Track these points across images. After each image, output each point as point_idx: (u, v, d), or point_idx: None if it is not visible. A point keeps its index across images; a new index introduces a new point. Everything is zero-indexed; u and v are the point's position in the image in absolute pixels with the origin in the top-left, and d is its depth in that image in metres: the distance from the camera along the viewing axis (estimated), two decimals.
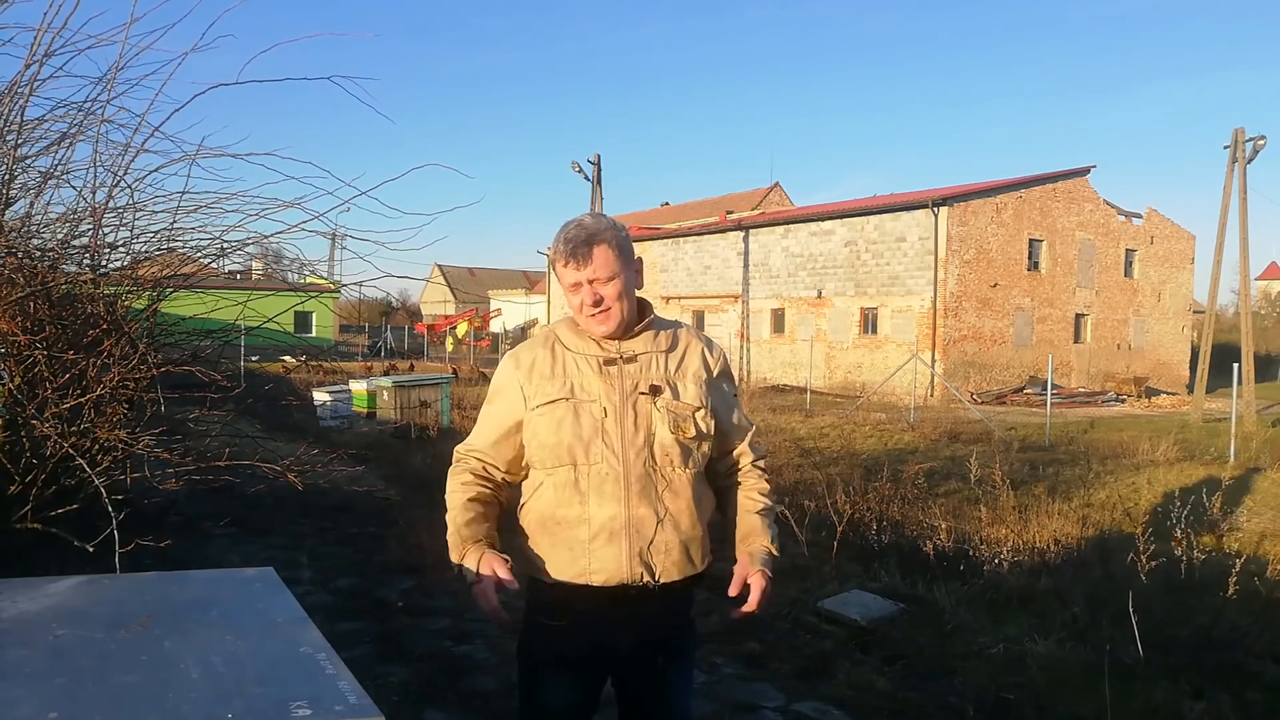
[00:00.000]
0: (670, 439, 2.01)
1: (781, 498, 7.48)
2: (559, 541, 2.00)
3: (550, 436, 2.00)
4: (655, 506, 1.99)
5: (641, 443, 1.99)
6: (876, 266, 29.03)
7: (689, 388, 2.07)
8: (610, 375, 2.03)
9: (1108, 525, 7.41)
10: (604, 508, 1.97)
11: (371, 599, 5.20)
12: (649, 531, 1.98)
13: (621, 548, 1.97)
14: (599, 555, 1.97)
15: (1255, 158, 21.02)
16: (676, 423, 2.02)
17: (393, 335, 46.28)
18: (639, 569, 1.98)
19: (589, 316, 2.02)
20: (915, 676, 4.18)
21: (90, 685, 1.40)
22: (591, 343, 2.07)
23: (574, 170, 29.55)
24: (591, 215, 2.07)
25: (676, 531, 2.01)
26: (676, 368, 2.09)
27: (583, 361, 2.05)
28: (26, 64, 3.72)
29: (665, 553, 2.00)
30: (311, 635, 1.66)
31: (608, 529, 1.97)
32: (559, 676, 2.08)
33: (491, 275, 73.07)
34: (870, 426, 16.31)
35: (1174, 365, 34.12)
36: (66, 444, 3.50)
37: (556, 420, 2.00)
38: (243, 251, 4.63)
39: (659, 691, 2.13)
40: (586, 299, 2.00)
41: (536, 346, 2.11)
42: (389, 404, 13.91)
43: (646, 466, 1.99)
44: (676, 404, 2.03)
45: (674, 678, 2.15)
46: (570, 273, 2.00)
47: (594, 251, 1.99)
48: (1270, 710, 3.76)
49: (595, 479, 1.98)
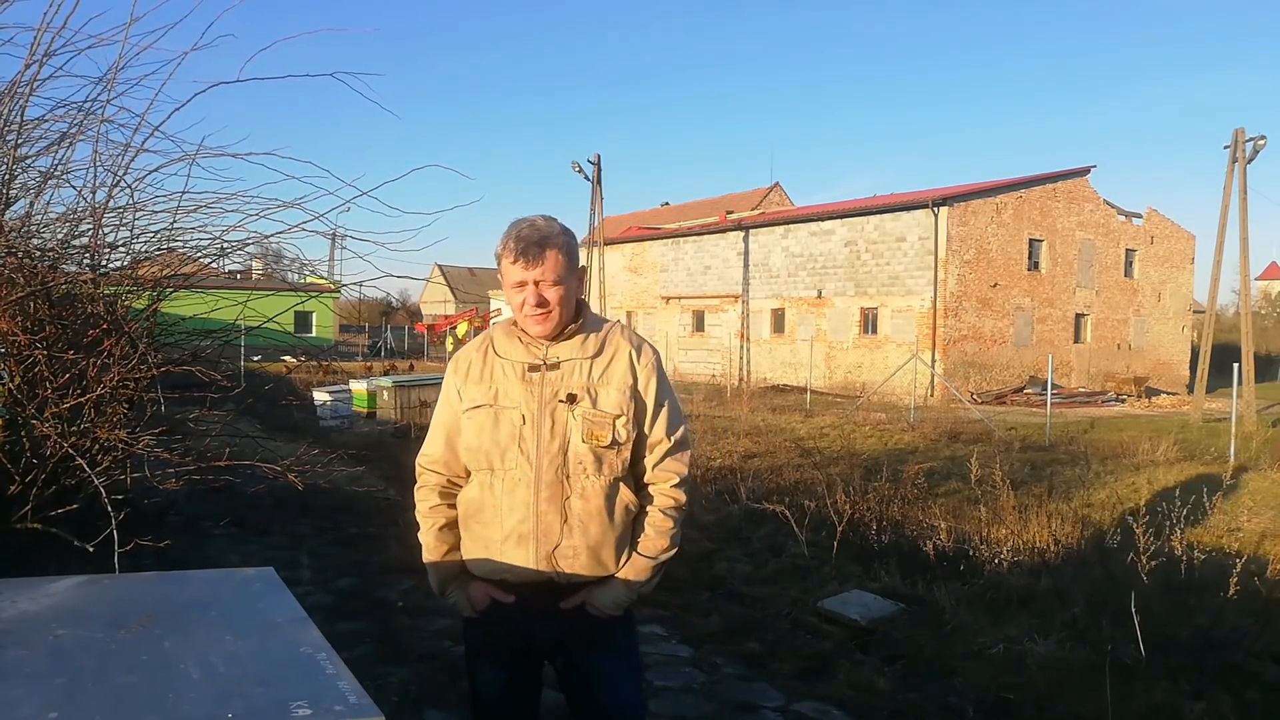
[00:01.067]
0: (584, 447, 2.05)
1: (782, 497, 7.49)
2: (476, 539, 2.12)
3: (473, 440, 2.09)
4: (563, 512, 2.05)
5: (556, 450, 2.05)
6: (876, 266, 29.03)
7: (610, 394, 2.08)
8: (531, 382, 2.08)
9: (1108, 525, 7.40)
10: (514, 512, 2.05)
11: (371, 599, 5.20)
12: (556, 537, 2.05)
13: (529, 550, 2.05)
14: (510, 555, 2.06)
15: (1255, 158, 21.02)
16: (591, 431, 2.05)
17: (393, 335, 46.28)
18: (547, 570, 2.06)
19: (529, 316, 2.06)
20: (915, 676, 4.18)
21: (90, 685, 1.40)
22: (519, 347, 2.11)
23: (574, 170, 29.58)
24: (544, 218, 2.10)
25: (585, 537, 2.06)
26: (601, 374, 2.10)
27: (508, 368, 2.10)
28: (26, 64, 3.72)
29: (573, 557, 2.06)
30: (311, 635, 1.65)
31: (517, 532, 2.06)
32: (490, 663, 2.19)
33: (491, 275, 72.90)
34: (870, 426, 16.30)
35: (1174, 365, 34.12)
36: (66, 444, 3.50)
37: (478, 425, 2.08)
38: (243, 251, 4.63)
39: (587, 681, 2.19)
40: (530, 298, 2.04)
41: (472, 351, 2.18)
42: (389, 404, 13.92)
43: (559, 473, 2.05)
44: (594, 412, 2.06)
45: (603, 668, 2.19)
46: (518, 270, 2.04)
47: (545, 254, 2.03)
48: (1270, 710, 3.76)
49: (509, 484, 2.06)
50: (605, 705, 2.18)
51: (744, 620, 4.94)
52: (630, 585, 2.13)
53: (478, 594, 2.13)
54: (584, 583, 2.10)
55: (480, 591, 2.12)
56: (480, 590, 2.12)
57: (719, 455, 10.70)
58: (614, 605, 2.13)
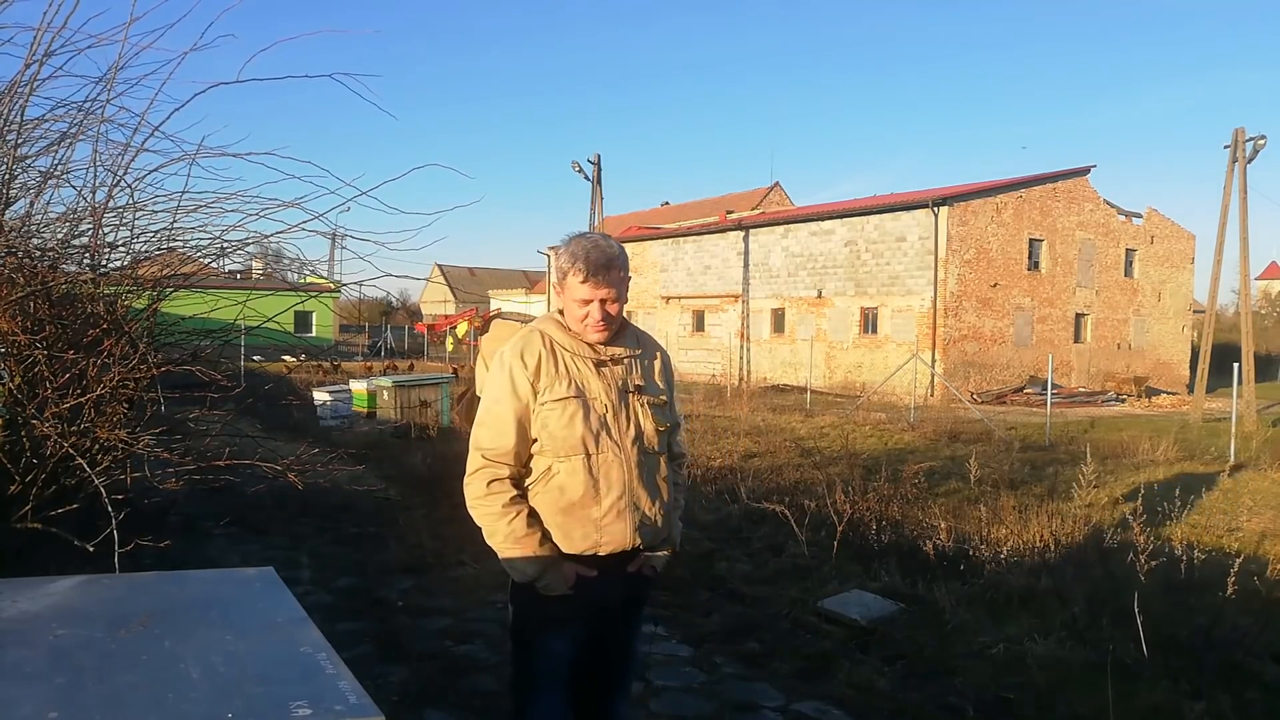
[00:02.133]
0: (653, 429, 2.39)
1: (782, 497, 7.49)
2: (574, 520, 2.31)
3: (562, 429, 2.28)
4: (649, 486, 2.37)
5: (634, 434, 2.35)
6: (876, 266, 29.02)
7: (658, 384, 2.47)
8: (605, 376, 2.35)
9: (1108, 525, 7.40)
10: (612, 490, 2.31)
11: (371, 599, 5.20)
12: (645, 507, 2.36)
13: (627, 522, 2.33)
14: (609, 530, 2.31)
15: (1255, 157, 21.01)
16: (658, 415, 2.40)
17: (393, 335, 46.27)
18: (638, 538, 2.36)
19: (592, 328, 2.33)
20: (915, 676, 4.18)
21: (90, 685, 1.40)
22: (582, 344, 2.37)
23: (574, 170, 29.56)
24: (602, 236, 2.39)
25: (663, 504, 2.42)
26: (647, 368, 2.46)
27: (580, 363, 2.35)
28: (26, 64, 3.72)
29: (655, 522, 2.40)
30: (311, 635, 1.66)
31: (616, 507, 2.31)
32: (561, 638, 2.39)
33: (491, 275, 73.05)
34: (870, 426, 16.30)
35: (1174, 365, 34.11)
36: (66, 444, 3.49)
37: (569, 415, 2.28)
38: (243, 251, 4.63)
39: (626, 631, 2.57)
40: (595, 314, 2.30)
41: (538, 346, 2.35)
42: (389, 404, 13.91)
43: (640, 453, 2.36)
44: (655, 400, 2.42)
45: (637, 621, 2.64)
46: (587, 289, 2.28)
47: (613, 275, 2.29)
48: (1270, 710, 3.76)
49: (604, 466, 2.30)
50: (636, 652, 2.66)
51: (744, 620, 4.94)
52: (674, 546, 2.52)
53: (570, 573, 2.31)
54: (651, 546, 2.41)
55: (571, 570, 2.31)
56: (571, 569, 2.31)
57: (719, 455, 10.69)
58: (663, 563, 2.50)
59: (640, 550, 2.38)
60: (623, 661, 2.58)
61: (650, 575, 2.47)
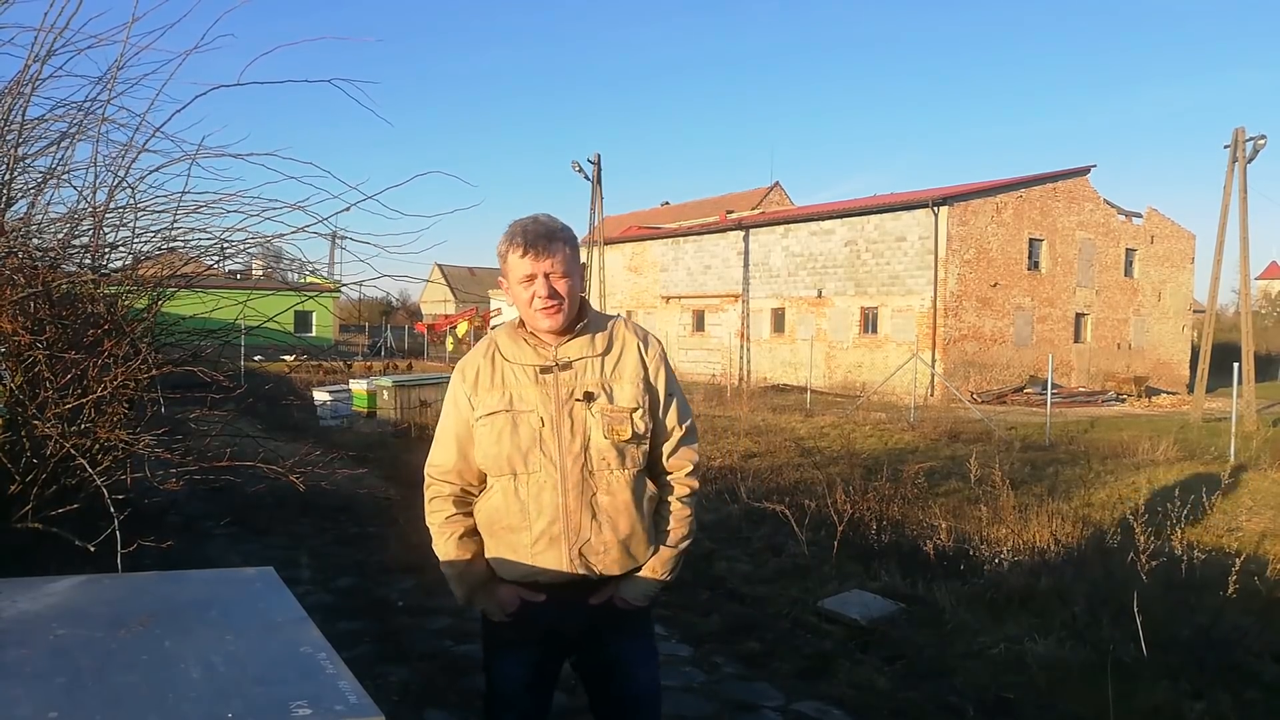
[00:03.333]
0: (606, 443, 2.07)
1: (782, 497, 7.49)
2: (504, 546, 2.11)
3: (491, 447, 2.08)
4: (592, 509, 2.07)
5: (579, 449, 2.06)
6: (876, 266, 29.02)
7: (625, 389, 2.12)
8: (546, 384, 2.09)
9: (1108, 525, 7.40)
10: (543, 515, 2.06)
11: (371, 599, 5.20)
12: (587, 534, 2.07)
13: (561, 551, 2.07)
14: (541, 558, 2.07)
15: (1255, 157, 20.99)
16: (611, 426, 2.08)
17: (393, 335, 46.27)
18: (580, 569, 2.08)
19: (540, 310, 2.07)
20: (915, 676, 4.18)
21: (90, 685, 1.40)
22: (528, 350, 2.12)
23: (574, 170, 29.57)
24: (546, 215, 2.13)
25: (614, 532, 2.09)
26: (613, 369, 2.13)
27: (520, 371, 2.11)
28: (27, 64, 3.73)
29: (604, 552, 2.09)
30: (311, 635, 1.66)
31: (547, 534, 2.07)
32: (514, 658, 2.20)
33: (491, 275, 72.57)
34: (870, 426, 16.30)
35: (1174, 365, 34.10)
36: (67, 444, 3.50)
37: (496, 431, 2.07)
38: (244, 252, 4.63)
39: (613, 669, 2.24)
40: (540, 290, 2.05)
41: (479, 357, 2.17)
42: (389, 404, 13.91)
43: (583, 471, 2.06)
44: (611, 408, 2.08)
45: (627, 655, 2.24)
46: (527, 264, 2.05)
47: (554, 246, 2.06)
48: (1270, 710, 3.76)
49: (534, 487, 2.06)
50: (630, 691, 2.23)
51: (744, 620, 4.94)
52: (658, 577, 2.18)
53: (507, 596, 2.13)
54: (613, 577, 2.13)
55: (510, 594, 2.12)
56: (510, 592, 2.12)
57: (719, 455, 10.69)
58: (643, 597, 2.18)
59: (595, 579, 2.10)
60: (631, 699, 2.24)
61: (624, 608, 2.17)
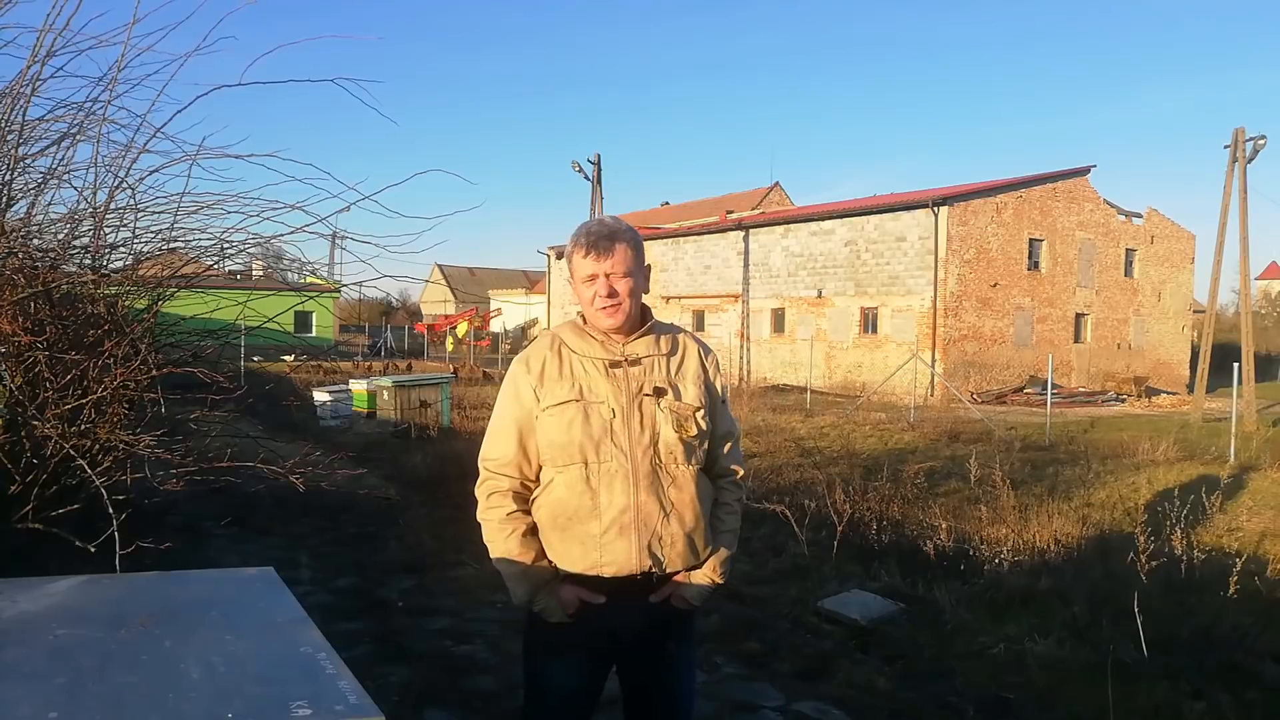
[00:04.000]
0: (674, 438, 2.10)
1: (782, 497, 7.49)
2: (571, 536, 2.09)
3: (561, 436, 2.08)
4: (661, 501, 2.09)
5: (648, 442, 2.09)
6: (876, 266, 29.01)
7: (689, 389, 2.17)
8: (616, 377, 2.12)
9: (1108, 525, 7.41)
10: (614, 504, 2.06)
11: (371, 599, 5.20)
12: (656, 525, 2.08)
13: (631, 541, 2.07)
14: (610, 548, 2.07)
15: (1255, 157, 20.98)
16: (679, 422, 2.12)
17: (393, 335, 46.28)
18: (647, 560, 2.08)
19: (600, 309, 2.11)
20: (915, 676, 4.18)
21: (90, 685, 1.40)
22: (596, 345, 2.15)
23: (574, 170, 29.53)
24: (611, 217, 2.20)
25: (681, 525, 2.11)
26: (677, 370, 2.18)
27: (589, 364, 2.13)
28: (28, 64, 3.73)
29: (671, 545, 2.10)
30: (311, 635, 1.66)
31: (618, 523, 2.07)
32: (567, 663, 2.17)
33: (491, 275, 73.00)
34: (870, 426, 16.30)
35: (1174, 365, 34.09)
36: (67, 444, 3.50)
37: (567, 421, 2.08)
38: (244, 252, 4.63)
39: (664, 673, 2.23)
40: (601, 290, 2.09)
41: (544, 350, 2.17)
42: (389, 404, 13.90)
43: (653, 464, 2.09)
44: (679, 405, 2.13)
45: (678, 659, 2.25)
46: (589, 264, 2.10)
47: (615, 247, 2.09)
48: (1270, 710, 3.76)
49: (605, 476, 2.07)
50: (676, 693, 2.26)
51: (744, 620, 4.94)
52: (716, 578, 2.20)
53: (569, 596, 2.10)
54: (675, 573, 2.14)
55: (571, 594, 2.10)
56: (571, 593, 2.10)
57: None
58: (699, 597, 2.20)
59: (658, 576, 2.11)
60: (673, 701, 2.25)
61: (681, 607, 2.18)
